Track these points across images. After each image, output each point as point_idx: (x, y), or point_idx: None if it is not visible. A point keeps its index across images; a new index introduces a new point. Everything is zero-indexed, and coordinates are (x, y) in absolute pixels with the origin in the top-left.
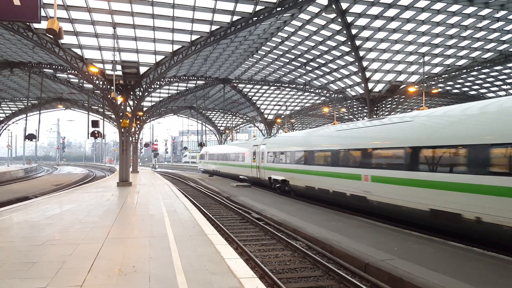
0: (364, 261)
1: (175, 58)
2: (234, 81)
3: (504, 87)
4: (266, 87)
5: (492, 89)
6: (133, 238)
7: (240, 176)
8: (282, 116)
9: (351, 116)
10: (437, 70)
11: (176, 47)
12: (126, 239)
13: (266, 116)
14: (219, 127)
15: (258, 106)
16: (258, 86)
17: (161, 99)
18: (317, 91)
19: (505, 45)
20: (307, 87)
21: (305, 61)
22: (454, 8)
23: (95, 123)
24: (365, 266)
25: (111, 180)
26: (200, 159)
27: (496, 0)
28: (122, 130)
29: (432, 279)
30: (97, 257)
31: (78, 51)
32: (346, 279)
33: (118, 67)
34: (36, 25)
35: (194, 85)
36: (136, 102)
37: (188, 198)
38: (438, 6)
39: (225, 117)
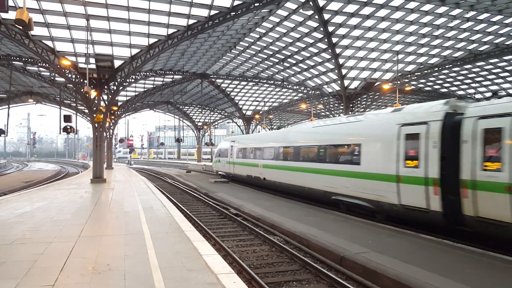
0: (340, 254)
1: (151, 52)
2: (212, 76)
3: (473, 85)
4: (245, 83)
5: (462, 87)
6: (108, 236)
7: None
8: (261, 112)
9: (327, 113)
10: (410, 68)
11: (152, 40)
12: (100, 237)
13: (244, 112)
14: (196, 123)
15: (237, 101)
16: (237, 82)
17: (136, 93)
18: (294, 87)
19: (474, 45)
20: (285, 83)
21: (283, 57)
22: (427, 7)
23: (67, 118)
24: (341, 259)
25: (84, 177)
26: (220, 157)
27: (467, 0)
28: (96, 125)
29: (404, 271)
30: (70, 255)
31: (49, 43)
32: (323, 272)
33: (92, 60)
34: (4, 15)
35: (171, 79)
36: (110, 96)
37: (165, 195)
38: (412, 5)
39: (203, 112)
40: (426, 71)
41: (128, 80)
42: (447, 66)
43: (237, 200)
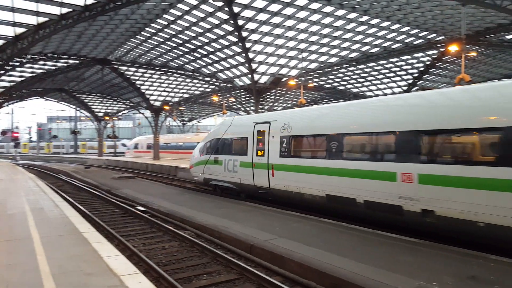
0: (250, 243)
1: (40, 33)
2: (115, 62)
3: (366, 84)
4: (152, 72)
5: (356, 85)
6: None
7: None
8: (170, 103)
9: (239, 106)
10: (313, 65)
11: (42, 19)
12: None
13: (152, 102)
14: (97, 113)
15: (143, 91)
16: (143, 70)
17: (23, 79)
18: (206, 79)
19: (367, 47)
20: (195, 74)
21: (193, 47)
22: (328, 9)
23: None
24: (251, 248)
25: None
26: (221, 155)
27: (361, 5)
28: None
29: (307, 254)
30: None
31: None
32: (233, 262)
33: None
34: None
35: (65, 64)
36: None
37: (59, 194)
38: (315, 6)
39: (104, 102)
40: (326, 70)
41: (10, 63)
42: (344, 66)
43: (145, 196)
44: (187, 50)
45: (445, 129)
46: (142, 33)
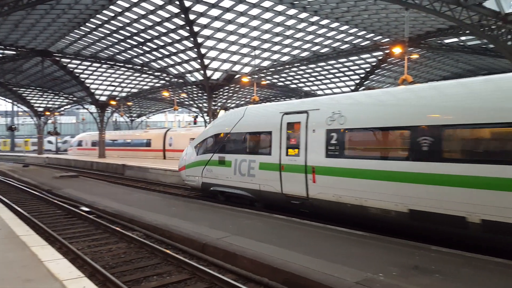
0: (202, 242)
1: None
2: (56, 54)
3: (316, 82)
4: (97, 65)
5: (308, 83)
6: None
7: None
8: (117, 98)
9: (191, 102)
10: (266, 63)
11: None
12: None
13: (97, 97)
14: (36, 108)
15: (88, 85)
16: (88, 63)
17: None
18: (155, 73)
19: (317, 47)
20: (145, 68)
21: (142, 40)
22: (280, 8)
23: None
24: (203, 247)
25: None
26: (228, 154)
27: (312, 6)
28: None
29: (260, 250)
30: None
31: None
32: (184, 262)
33: None
34: None
35: (0, 55)
36: None
37: None
38: (267, 4)
39: (45, 96)
40: (279, 68)
41: None
42: (296, 64)
43: (90, 196)
44: (135, 43)
45: None
46: (87, 24)
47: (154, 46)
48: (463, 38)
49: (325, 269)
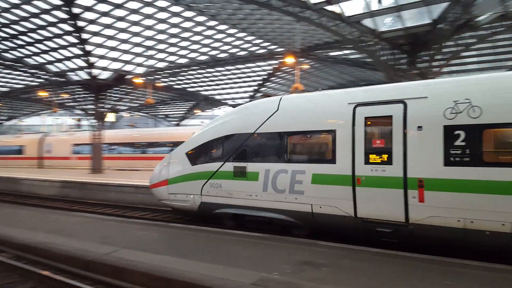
0: (86, 258)
1: None
2: None
3: (215, 87)
4: None
5: (207, 88)
6: None
7: None
8: None
9: (75, 103)
10: (162, 65)
11: None
12: None
13: None
14: None
15: None
16: None
17: None
18: (31, 70)
19: (216, 51)
20: (17, 64)
21: (15, 33)
22: (176, 9)
23: None
24: (88, 264)
25: None
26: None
27: (209, 10)
28: None
29: (155, 262)
30: None
31: None
32: (65, 283)
33: None
34: None
35: None
36: None
37: None
38: (162, 3)
39: None
40: (175, 70)
41: None
42: (193, 68)
43: None
44: (6, 36)
45: None
46: None
47: (30, 40)
48: (346, 51)
49: (221, 274)
